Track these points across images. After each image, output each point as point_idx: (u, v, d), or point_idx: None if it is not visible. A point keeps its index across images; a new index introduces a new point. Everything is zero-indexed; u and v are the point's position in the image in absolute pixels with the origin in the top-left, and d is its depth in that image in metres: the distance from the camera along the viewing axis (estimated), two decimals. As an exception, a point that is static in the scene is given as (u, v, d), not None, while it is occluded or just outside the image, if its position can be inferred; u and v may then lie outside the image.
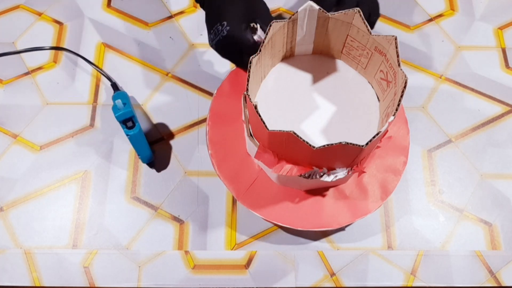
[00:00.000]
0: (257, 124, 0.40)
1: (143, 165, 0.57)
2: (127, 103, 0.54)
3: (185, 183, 0.57)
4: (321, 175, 0.42)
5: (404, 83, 0.38)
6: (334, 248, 0.54)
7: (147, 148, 0.55)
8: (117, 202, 0.56)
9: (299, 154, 0.40)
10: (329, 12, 0.43)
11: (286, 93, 0.49)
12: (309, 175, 0.42)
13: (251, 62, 0.40)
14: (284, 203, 0.49)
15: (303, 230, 0.52)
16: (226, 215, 0.55)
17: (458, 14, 0.67)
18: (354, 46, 0.46)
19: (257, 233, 0.55)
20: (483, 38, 0.65)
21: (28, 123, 0.60)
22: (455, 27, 0.66)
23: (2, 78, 0.62)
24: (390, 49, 0.40)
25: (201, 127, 0.59)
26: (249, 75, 0.40)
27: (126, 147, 0.58)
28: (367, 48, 0.44)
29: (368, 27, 0.41)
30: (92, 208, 0.56)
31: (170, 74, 0.63)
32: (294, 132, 0.36)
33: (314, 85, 0.50)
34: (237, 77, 0.53)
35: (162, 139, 0.59)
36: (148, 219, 0.55)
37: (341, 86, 0.49)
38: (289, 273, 0.53)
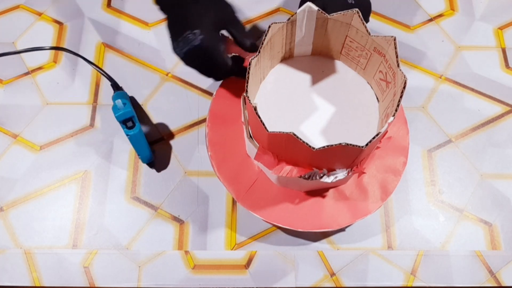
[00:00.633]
0: (257, 126, 0.40)
1: (143, 165, 0.57)
2: (127, 103, 0.54)
3: (185, 183, 0.57)
4: (321, 176, 0.42)
5: (404, 84, 0.38)
6: (334, 248, 0.54)
7: (147, 148, 0.55)
8: (117, 202, 0.56)
9: (299, 155, 0.40)
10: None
11: (286, 94, 0.49)
12: (309, 176, 0.42)
13: (251, 64, 0.40)
14: (284, 204, 0.49)
15: (303, 231, 0.52)
16: (226, 215, 0.55)
17: (458, 14, 0.67)
18: (353, 47, 0.46)
19: (257, 233, 0.55)
20: (483, 38, 0.65)
21: (28, 123, 0.60)
22: (455, 27, 0.66)
23: (2, 78, 0.62)
24: (389, 50, 0.40)
25: (201, 127, 0.59)
26: (248, 77, 0.40)
27: (126, 147, 0.58)
28: (366, 49, 0.44)
29: (367, 28, 0.41)
30: (92, 208, 0.56)
31: (170, 74, 0.63)
32: (294, 134, 0.36)
33: (313, 86, 0.50)
34: (237, 79, 0.53)
35: (162, 139, 0.59)
36: (148, 219, 0.55)
37: (340, 87, 0.49)
38: (289, 273, 0.53)
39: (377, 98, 0.49)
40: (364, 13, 0.49)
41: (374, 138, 0.37)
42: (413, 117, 0.60)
